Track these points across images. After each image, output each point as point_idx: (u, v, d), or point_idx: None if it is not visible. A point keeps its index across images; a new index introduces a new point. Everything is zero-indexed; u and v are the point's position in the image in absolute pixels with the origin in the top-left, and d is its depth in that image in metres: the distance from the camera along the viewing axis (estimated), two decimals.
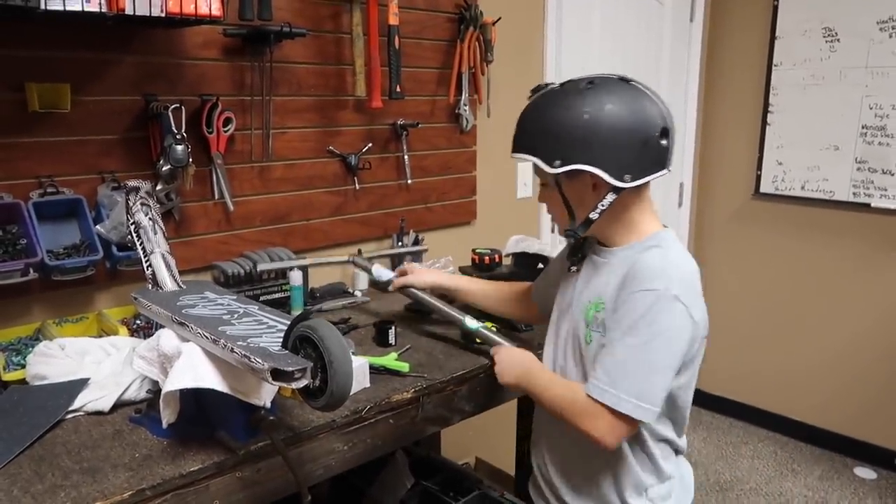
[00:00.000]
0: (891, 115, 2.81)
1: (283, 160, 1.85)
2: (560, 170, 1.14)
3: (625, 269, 1.16)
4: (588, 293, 1.24)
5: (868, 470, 3.00)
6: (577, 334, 1.24)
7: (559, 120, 1.13)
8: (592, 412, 1.13)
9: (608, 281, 1.19)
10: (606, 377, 1.12)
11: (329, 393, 0.92)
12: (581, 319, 1.24)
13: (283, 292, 1.75)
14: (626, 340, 1.11)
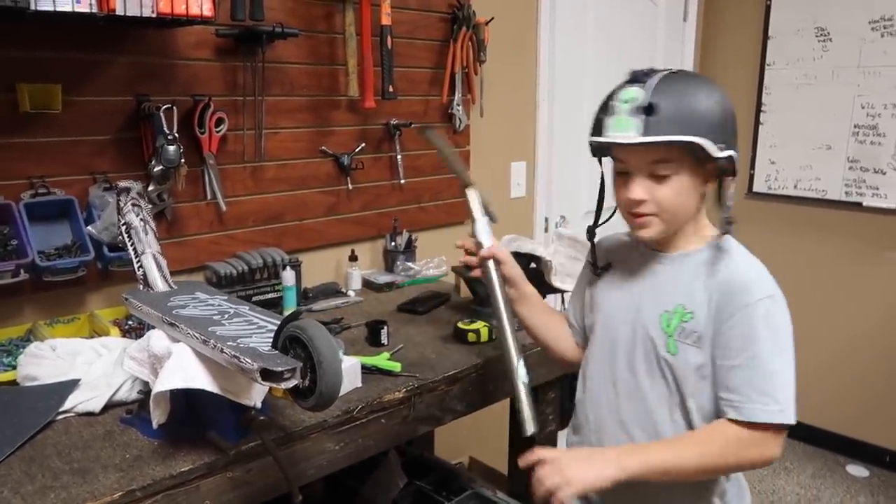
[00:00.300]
0: (882, 114, 2.82)
1: (276, 160, 1.85)
2: (723, 154, 1.06)
3: (707, 279, 1.12)
4: (661, 302, 1.16)
5: (860, 468, 3.02)
6: (652, 344, 1.16)
7: (715, 102, 1.07)
8: (760, 439, 1.06)
9: (687, 290, 1.13)
10: (765, 396, 1.06)
11: (318, 393, 0.92)
12: (656, 328, 1.15)
13: (276, 292, 1.75)
14: (766, 353, 1.07)
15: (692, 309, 1.12)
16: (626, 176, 1.13)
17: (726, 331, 1.09)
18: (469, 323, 1.64)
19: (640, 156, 1.10)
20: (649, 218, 1.13)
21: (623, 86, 1.10)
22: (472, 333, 1.61)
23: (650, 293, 1.19)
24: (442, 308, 1.87)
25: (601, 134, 1.11)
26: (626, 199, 1.13)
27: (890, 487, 2.89)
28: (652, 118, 1.04)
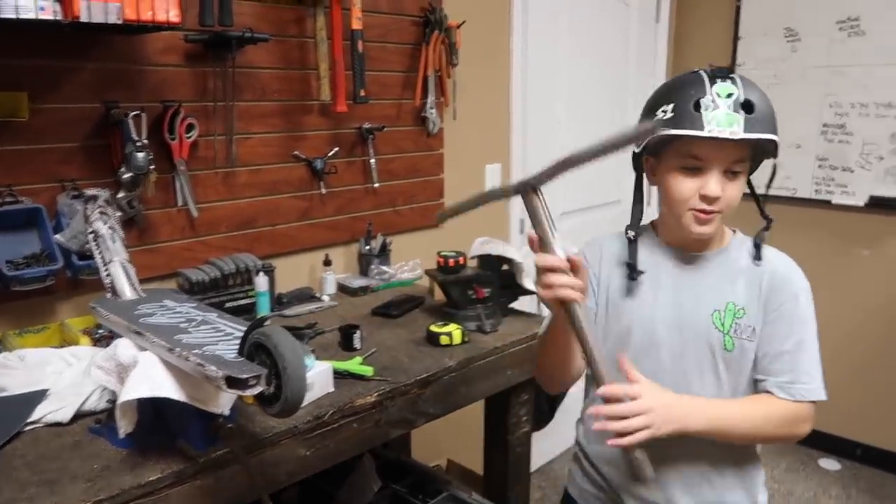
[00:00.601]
0: (850, 113, 2.88)
1: (248, 165, 1.84)
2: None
3: (750, 273, 1.17)
4: (707, 301, 1.17)
5: (832, 461, 3.08)
6: (708, 344, 1.17)
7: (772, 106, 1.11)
8: (809, 414, 1.16)
9: (732, 287, 1.17)
10: (809, 376, 1.15)
11: (283, 399, 0.93)
12: (709, 328, 1.16)
13: (249, 298, 1.75)
14: (808, 337, 1.17)
15: (743, 304, 1.16)
16: (695, 172, 1.11)
17: (775, 319, 1.16)
18: (442, 326, 1.65)
19: (727, 152, 1.08)
20: (716, 215, 1.12)
21: (711, 80, 1.08)
22: (444, 336, 1.62)
23: (691, 293, 1.19)
24: (416, 311, 1.88)
25: (701, 128, 1.06)
26: (699, 195, 1.11)
27: (861, 480, 2.94)
28: (750, 116, 1.05)
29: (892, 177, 2.82)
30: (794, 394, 1.14)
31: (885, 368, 2.94)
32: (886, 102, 2.79)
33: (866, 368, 2.98)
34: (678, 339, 1.18)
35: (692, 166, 1.10)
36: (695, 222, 1.13)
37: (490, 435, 1.86)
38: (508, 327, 1.75)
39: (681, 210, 1.14)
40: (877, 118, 2.82)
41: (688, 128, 1.06)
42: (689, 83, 1.10)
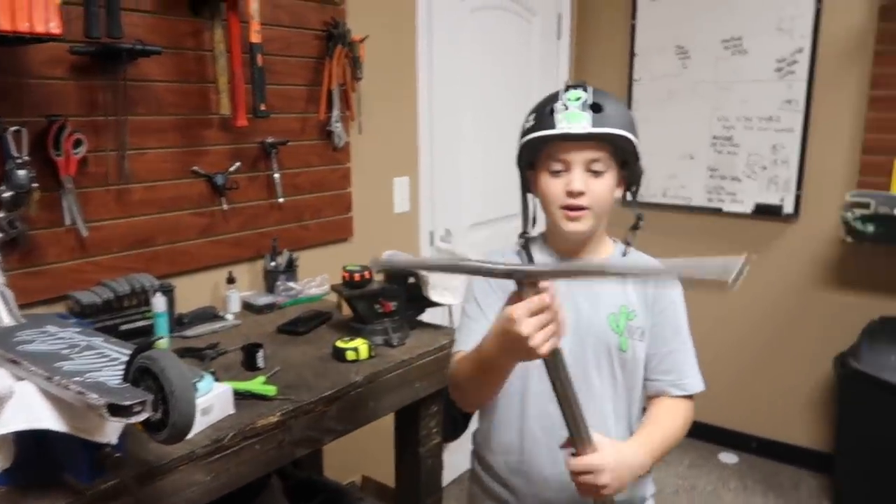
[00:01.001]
0: (736, 126, 3.07)
1: (144, 182, 1.78)
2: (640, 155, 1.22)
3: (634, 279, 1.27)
4: (602, 305, 1.24)
5: (731, 455, 3.25)
6: (606, 346, 1.23)
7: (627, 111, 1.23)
8: (692, 407, 1.27)
9: (623, 291, 1.26)
10: (694, 369, 1.28)
11: (171, 425, 0.90)
12: (606, 330, 1.23)
13: (147, 320, 1.68)
14: (686, 335, 1.30)
15: (633, 308, 1.25)
16: (561, 174, 1.20)
17: (661, 321, 1.27)
18: (349, 341, 1.64)
19: (582, 151, 1.18)
20: (584, 211, 1.19)
21: (565, 90, 1.19)
22: (351, 351, 1.61)
23: (587, 298, 1.24)
24: (324, 327, 1.86)
25: (552, 128, 1.16)
26: (565, 191, 1.19)
27: (756, 471, 3.12)
28: (598, 115, 1.15)
29: (775, 185, 3.02)
30: (686, 388, 1.26)
31: (774, 366, 3.14)
32: (767, 116, 3.00)
33: (758, 366, 3.18)
34: (578, 341, 1.22)
35: (557, 168, 1.20)
36: (565, 219, 1.21)
37: (401, 448, 1.86)
38: (416, 340, 1.76)
39: (554, 209, 1.22)
40: (759, 131, 3.03)
41: (544, 129, 1.18)
42: (549, 97, 1.21)
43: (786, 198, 3.00)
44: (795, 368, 3.08)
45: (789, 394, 3.13)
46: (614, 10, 3.34)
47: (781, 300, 3.09)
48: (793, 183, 2.98)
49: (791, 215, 3.00)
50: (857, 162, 2.82)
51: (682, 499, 2.91)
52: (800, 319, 3.06)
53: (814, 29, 2.86)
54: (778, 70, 2.96)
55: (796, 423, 3.13)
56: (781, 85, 2.96)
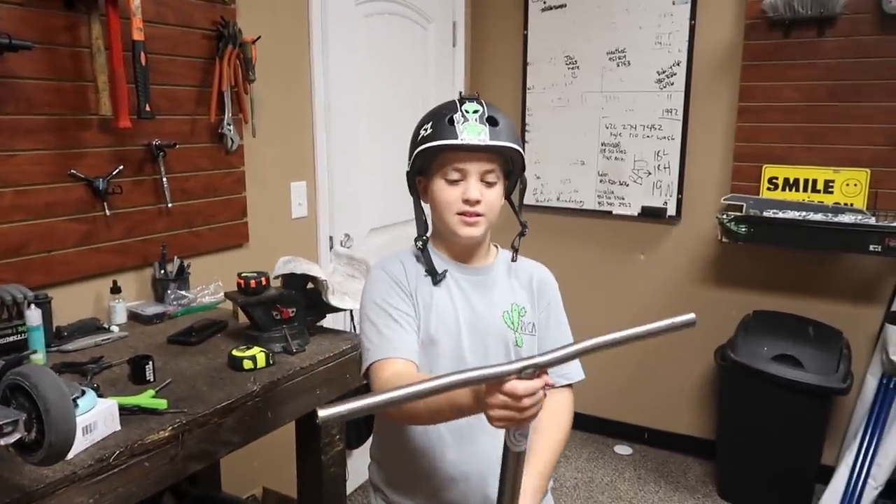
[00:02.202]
0: (622, 133, 3.23)
1: (13, 186, 1.65)
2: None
3: (522, 279, 1.36)
4: (497, 305, 1.31)
5: (625, 446, 3.40)
6: (506, 343, 1.30)
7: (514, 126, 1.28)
8: (571, 394, 1.37)
9: (513, 290, 1.34)
10: (576, 361, 1.32)
11: (48, 445, 0.83)
12: (505, 329, 1.30)
13: (20, 334, 1.55)
14: (566, 327, 1.39)
15: (523, 304, 1.33)
16: (458, 183, 1.25)
17: (546, 317, 1.35)
18: (245, 349, 1.59)
19: (480, 161, 1.24)
20: (480, 218, 1.25)
21: (462, 101, 1.23)
22: (248, 360, 1.56)
23: (482, 297, 1.31)
24: (219, 336, 1.79)
25: (455, 138, 1.19)
26: (462, 199, 1.24)
27: (648, 461, 3.29)
28: (494, 128, 1.21)
29: (659, 189, 3.20)
30: (570, 377, 1.35)
31: (661, 360, 3.32)
32: (650, 124, 3.17)
33: (646, 361, 3.35)
34: (479, 340, 1.28)
35: (453, 177, 1.24)
36: (462, 224, 1.25)
37: (302, 458, 1.82)
38: (316, 346, 1.73)
39: (449, 215, 1.26)
40: (644, 138, 3.20)
41: (445, 139, 1.20)
42: (444, 106, 1.25)
43: (669, 201, 3.19)
44: (681, 361, 3.27)
45: (676, 385, 3.31)
46: (507, 20, 3.43)
47: (667, 297, 3.28)
48: (675, 187, 3.17)
49: (674, 217, 3.19)
50: (730, 168, 3.04)
51: (581, 492, 3.02)
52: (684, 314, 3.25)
53: (689, 44, 3.06)
54: (658, 81, 3.14)
55: (683, 413, 3.32)
56: (662, 95, 3.14)
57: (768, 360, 2.73)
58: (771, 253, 2.97)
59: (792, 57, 2.84)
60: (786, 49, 2.85)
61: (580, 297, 3.50)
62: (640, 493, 3.02)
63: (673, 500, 2.96)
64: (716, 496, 2.99)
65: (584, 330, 1.21)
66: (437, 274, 1.29)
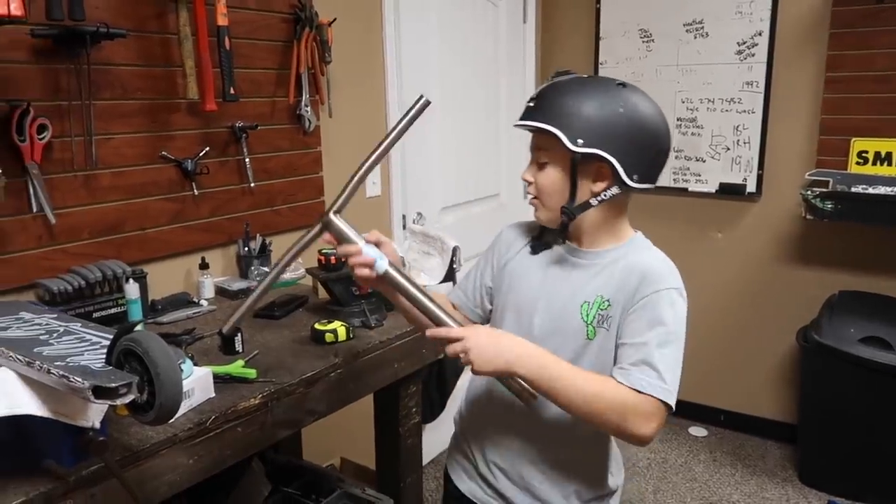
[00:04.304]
0: (699, 108, 3.13)
1: (111, 168, 1.74)
2: (581, 150, 1.13)
3: (624, 271, 1.19)
4: (581, 293, 1.21)
5: (700, 428, 3.34)
6: (572, 332, 1.21)
7: (593, 104, 1.14)
8: (650, 412, 1.09)
9: (606, 282, 1.20)
10: (657, 374, 1.10)
11: (158, 406, 0.89)
12: (576, 317, 1.21)
13: (120, 307, 1.66)
14: (669, 337, 1.14)
15: (608, 298, 1.19)
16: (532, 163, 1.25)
17: (634, 312, 1.16)
18: (326, 323, 1.64)
19: (533, 141, 1.23)
20: (535, 201, 1.24)
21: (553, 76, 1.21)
22: (329, 334, 1.61)
23: (570, 284, 1.24)
24: (300, 311, 1.86)
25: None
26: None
27: (725, 443, 3.22)
28: (533, 106, 1.18)
29: (738, 165, 3.10)
30: (631, 380, 1.10)
31: (740, 341, 3.23)
32: (729, 98, 3.06)
33: (724, 342, 3.26)
34: (551, 326, 1.24)
35: (532, 157, 1.24)
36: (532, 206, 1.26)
37: (380, 429, 1.87)
38: (394, 321, 1.77)
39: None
40: (722, 112, 3.09)
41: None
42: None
43: (748, 177, 3.08)
44: (760, 343, 3.18)
45: (755, 367, 3.22)
46: None
47: (746, 276, 3.18)
48: (755, 163, 3.06)
49: (754, 194, 3.08)
50: (816, 142, 2.91)
51: (654, 472, 2.99)
52: (764, 295, 3.15)
53: (772, 12, 2.93)
54: (739, 53, 3.03)
55: (762, 396, 3.23)
56: (742, 67, 3.02)
57: (855, 342, 2.62)
58: (859, 230, 2.84)
59: (885, 23, 2.68)
60: (879, 15, 2.69)
61: None
62: (715, 475, 2.96)
63: (750, 484, 2.89)
64: (796, 481, 2.90)
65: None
66: (534, 246, 1.30)
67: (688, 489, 2.87)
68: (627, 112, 1.14)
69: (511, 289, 1.31)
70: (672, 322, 1.15)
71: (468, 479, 1.38)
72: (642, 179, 1.17)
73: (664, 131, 1.21)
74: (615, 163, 1.14)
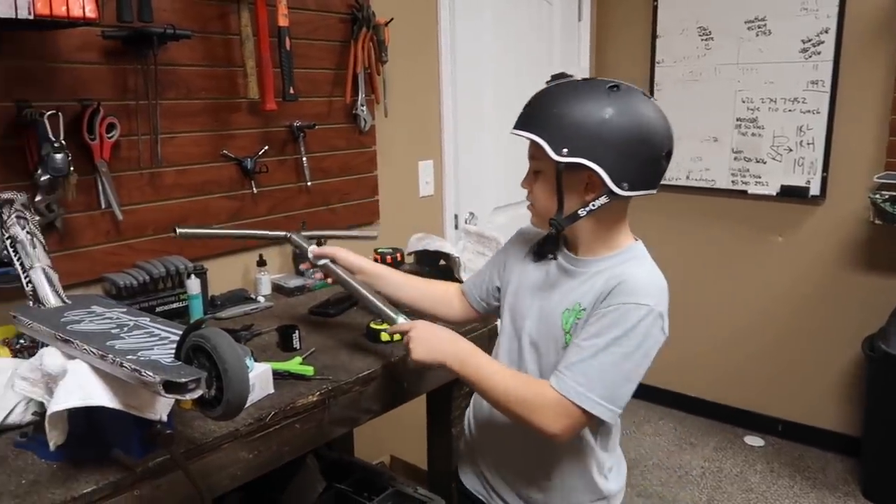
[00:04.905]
0: (760, 107, 3.04)
1: (175, 166, 1.79)
2: (565, 159, 1.11)
3: (606, 279, 1.16)
4: (565, 300, 1.21)
5: (756, 438, 3.24)
6: (553, 339, 1.22)
7: (579, 112, 1.11)
8: (560, 411, 1.12)
9: (588, 290, 1.18)
10: (585, 380, 1.11)
11: (225, 402, 0.91)
12: (558, 325, 1.21)
13: (181, 302, 1.70)
14: (613, 349, 1.11)
15: (585, 306, 1.18)
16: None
17: (594, 317, 1.15)
18: (381, 323, 1.64)
19: (529, 149, 1.21)
20: (531, 208, 1.25)
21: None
22: (384, 333, 1.61)
23: (559, 291, 1.24)
24: (354, 310, 1.86)
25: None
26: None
27: (783, 454, 3.11)
28: (522, 114, 1.17)
29: (801, 167, 2.99)
30: (559, 384, 1.12)
31: (801, 348, 3.12)
32: (792, 98, 2.96)
33: (784, 349, 3.16)
34: (542, 329, 1.25)
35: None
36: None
37: (433, 429, 1.87)
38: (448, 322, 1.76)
39: None
40: (785, 112, 2.99)
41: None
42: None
43: (812, 179, 2.97)
44: (823, 351, 3.06)
45: (816, 377, 3.11)
46: None
47: (808, 282, 3.07)
48: (819, 164, 2.95)
49: (817, 197, 2.97)
50: (885, 143, 2.79)
51: (708, 481, 2.91)
52: (827, 302, 3.03)
53: (839, 9, 2.82)
54: (803, 51, 2.92)
55: (823, 406, 3.11)
56: (807, 66, 2.91)
57: None
58: None
59: None
60: None
61: (709, 281, 3.37)
62: (772, 486, 2.87)
63: (810, 497, 2.79)
64: (859, 496, 2.79)
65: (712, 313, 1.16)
66: (536, 253, 1.31)
67: (743, 500, 2.79)
68: (614, 118, 1.10)
69: (511, 292, 1.34)
70: (628, 336, 1.11)
71: (473, 476, 1.45)
72: (634, 187, 1.13)
73: (658, 135, 1.14)
74: (601, 172, 1.11)
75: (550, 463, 1.29)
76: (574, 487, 1.30)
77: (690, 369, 3.39)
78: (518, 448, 1.32)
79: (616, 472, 1.35)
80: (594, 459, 1.29)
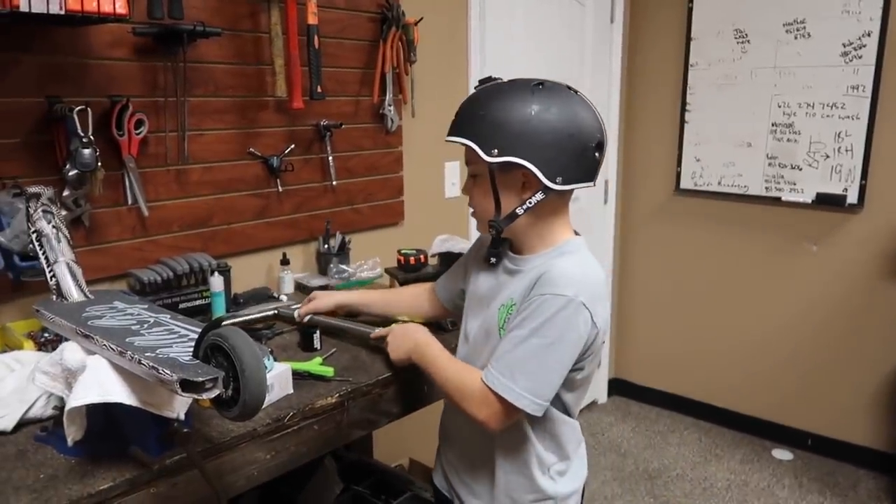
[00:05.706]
0: (797, 112, 2.96)
1: (202, 163, 1.79)
2: (496, 159, 1.13)
3: (537, 274, 1.19)
4: (502, 297, 1.25)
5: (785, 451, 3.16)
6: (491, 334, 1.26)
7: (505, 112, 1.14)
8: (483, 399, 1.17)
9: (519, 285, 1.22)
10: (508, 371, 1.15)
11: (242, 402, 0.90)
12: (494, 320, 1.25)
13: (204, 299, 1.70)
14: (532, 340, 1.14)
15: (516, 300, 1.21)
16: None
17: (519, 310, 1.18)
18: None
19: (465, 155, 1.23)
20: (474, 215, 1.27)
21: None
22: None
23: (498, 289, 1.28)
24: None
25: None
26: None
27: (812, 469, 3.03)
28: (455, 121, 1.20)
29: (838, 174, 2.91)
30: (486, 375, 1.18)
31: (834, 361, 3.03)
32: (831, 103, 2.88)
33: (816, 361, 3.07)
34: (477, 324, 1.31)
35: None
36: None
37: None
38: None
39: None
40: (823, 118, 2.91)
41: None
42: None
43: (850, 187, 2.88)
44: (857, 364, 2.97)
45: (849, 390, 3.02)
46: None
47: (843, 293, 2.98)
48: (857, 172, 2.86)
49: (855, 205, 2.88)
50: None
51: (734, 493, 2.84)
52: (863, 313, 2.94)
53: (883, 11, 2.73)
54: (844, 54, 2.84)
55: (856, 421, 3.02)
56: (847, 70, 2.83)
57: None
58: None
59: None
60: None
61: (740, 289, 3.30)
62: (801, 502, 2.79)
63: None
64: None
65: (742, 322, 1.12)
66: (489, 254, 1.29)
67: None
68: (539, 115, 1.13)
69: (468, 296, 1.38)
70: (546, 326, 1.13)
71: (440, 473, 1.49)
72: (569, 180, 1.16)
73: (586, 127, 1.17)
74: (533, 168, 1.13)
75: (492, 457, 1.30)
76: (515, 483, 1.30)
77: (717, 379, 3.32)
78: (466, 440, 1.37)
79: (569, 477, 1.33)
80: (535, 456, 1.29)
